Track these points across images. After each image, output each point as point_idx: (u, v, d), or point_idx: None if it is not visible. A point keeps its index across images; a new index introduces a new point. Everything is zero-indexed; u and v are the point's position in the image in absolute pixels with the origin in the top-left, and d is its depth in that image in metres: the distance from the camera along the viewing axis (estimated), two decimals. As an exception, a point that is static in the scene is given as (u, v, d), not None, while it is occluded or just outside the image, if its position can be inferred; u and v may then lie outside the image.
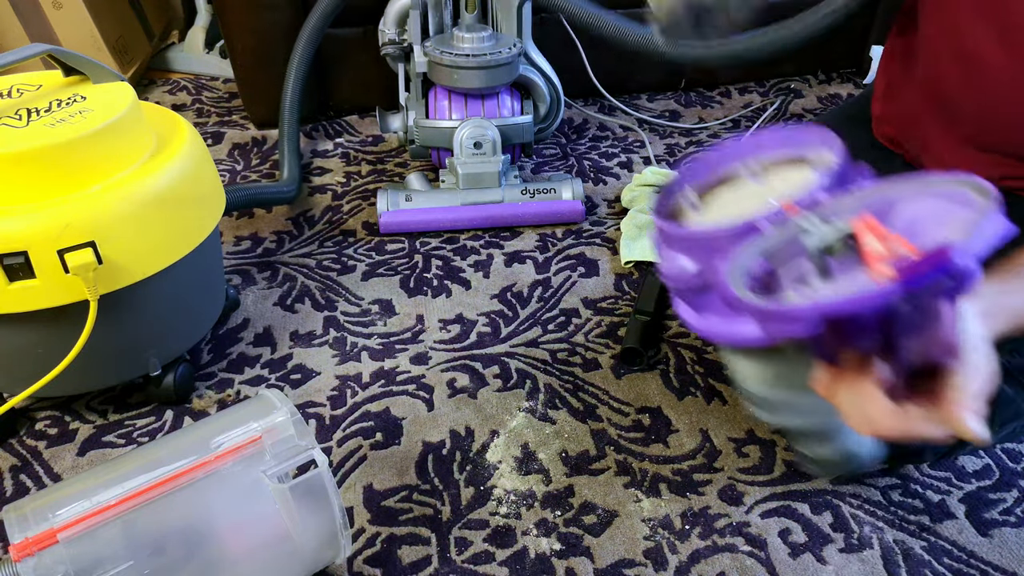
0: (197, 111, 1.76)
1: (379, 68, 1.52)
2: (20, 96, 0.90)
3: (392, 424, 0.99)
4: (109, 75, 0.93)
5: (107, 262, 0.84)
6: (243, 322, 1.15)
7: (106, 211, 0.83)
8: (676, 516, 0.88)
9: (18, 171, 0.80)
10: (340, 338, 1.13)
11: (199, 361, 1.08)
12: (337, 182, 1.50)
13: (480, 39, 1.31)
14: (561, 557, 0.84)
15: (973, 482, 0.92)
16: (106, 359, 0.93)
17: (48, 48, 0.88)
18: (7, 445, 0.96)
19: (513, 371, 1.07)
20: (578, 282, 1.24)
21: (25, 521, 0.64)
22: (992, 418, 0.82)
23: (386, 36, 1.41)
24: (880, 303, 0.44)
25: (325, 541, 0.74)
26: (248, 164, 1.56)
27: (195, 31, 1.91)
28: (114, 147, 0.86)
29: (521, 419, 1.00)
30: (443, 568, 0.83)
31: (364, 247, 1.32)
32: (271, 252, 1.30)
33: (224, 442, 0.71)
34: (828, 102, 1.80)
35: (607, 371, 1.07)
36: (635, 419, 1.00)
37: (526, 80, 1.41)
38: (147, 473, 0.68)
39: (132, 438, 0.97)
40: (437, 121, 1.36)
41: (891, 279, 0.45)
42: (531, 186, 1.33)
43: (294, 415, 0.73)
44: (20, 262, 0.80)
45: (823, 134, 0.62)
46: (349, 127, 1.69)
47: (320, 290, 1.22)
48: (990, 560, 0.83)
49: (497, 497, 0.90)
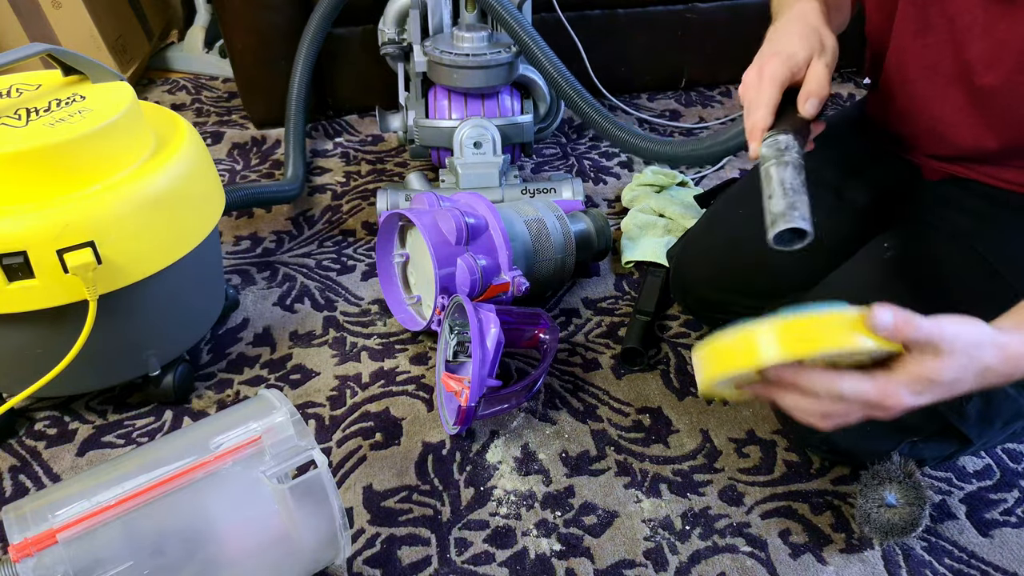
0: (196, 111, 1.76)
1: (379, 68, 1.52)
2: (19, 96, 0.89)
3: (392, 424, 0.99)
4: (108, 75, 0.93)
5: (106, 262, 0.83)
6: (243, 322, 1.15)
7: (105, 211, 0.83)
8: (676, 516, 0.88)
9: (17, 171, 0.80)
10: (340, 338, 1.13)
11: (198, 361, 1.08)
12: (337, 182, 1.50)
13: (480, 39, 1.31)
14: (561, 558, 0.83)
15: (974, 482, 0.92)
16: (105, 359, 0.93)
17: (47, 48, 0.88)
18: (6, 445, 0.96)
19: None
20: (578, 282, 1.24)
21: (24, 521, 0.64)
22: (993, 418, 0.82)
23: (386, 36, 1.41)
24: None
25: (325, 541, 0.73)
26: (247, 164, 1.56)
27: (194, 31, 1.90)
28: (113, 147, 0.86)
29: (521, 419, 1.00)
30: (443, 569, 0.82)
31: (364, 247, 1.32)
32: (271, 252, 1.30)
33: (224, 442, 0.71)
34: (828, 102, 1.79)
35: (607, 371, 1.07)
36: (635, 419, 1.00)
37: (526, 80, 1.41)
38: (146, 473, 0.68)
39: (131, 438, 0.97)
40: (437, 121, 1.36)
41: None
42: (531, 186, 1.33)
43: (294, 415, 0.73)
44: (19, 262, 0.80)
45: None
46: (349, 127, 1.69)
47: (320, 290, 1.22)
48: (991, 560, 0.83)
49: (497, 498, 0.90)
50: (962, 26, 0.75)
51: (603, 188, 1.49)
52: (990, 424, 0.82)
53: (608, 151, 1.60)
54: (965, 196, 0.85)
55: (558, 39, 1.54)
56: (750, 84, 0.74)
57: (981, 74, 0.75)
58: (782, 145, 0.68)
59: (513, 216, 1.13)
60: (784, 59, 0.72)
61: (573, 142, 1.64)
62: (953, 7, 0.75)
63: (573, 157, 1.58)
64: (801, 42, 0.74)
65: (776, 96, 0.72)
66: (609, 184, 1.50)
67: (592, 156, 1.59)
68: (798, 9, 0.79)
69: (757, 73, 0.73)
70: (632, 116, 1.70)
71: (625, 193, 1.42)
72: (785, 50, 0.73)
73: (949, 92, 0.79)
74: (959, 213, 0.85)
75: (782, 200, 0.64)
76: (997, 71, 0.74)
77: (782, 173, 0.66)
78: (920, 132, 0.87)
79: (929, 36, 0.78)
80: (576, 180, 1.34)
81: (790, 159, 0.67)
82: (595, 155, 1.59)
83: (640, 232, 1.29)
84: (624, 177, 1.52)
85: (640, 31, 1.71)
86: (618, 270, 1.27)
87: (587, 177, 1.52)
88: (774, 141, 0.68)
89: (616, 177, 1.52)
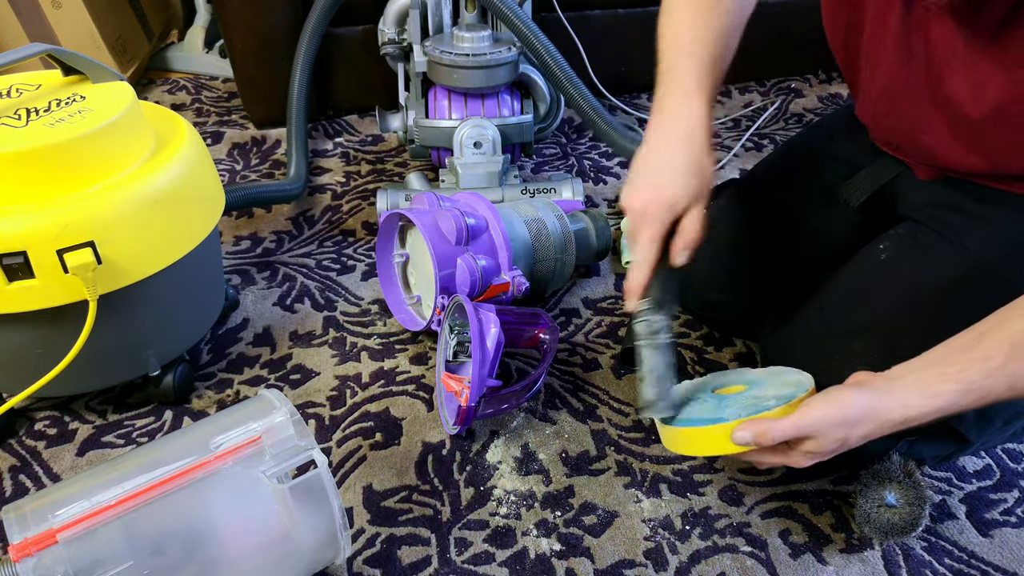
0: (196, 111, 1.76)
1: (379, 68, 1.52)
2: (19, 96, 0.89)
3: (392, 424, 0.99)
4: (108, 75, 0.93)
5: (106, 262, 0.83)
6: (243, 322, 1.15)
7: (105, 211, 0.83)
8: (676, 516, 0.88)
9: (17, 171, 0.80)
10: (340, 338, 1.13)
11: (198, 361, 1.08)
12: (337, 182, 1.50)
13: (480, 38, 1.31)
14: (561, 557, 0.83)
15: (974, 482, 0.92)
16: (105, 359, 0.93)
17: (47, 48, 0.88)
18: (6, 445, 0.96)
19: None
20: (578, 282, 1.24)
21: (24, 521, 0.64)
22: (992, 417, 0.82)
23: (386, 35, 1.41)
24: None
25: (324, 541, 0.73)
26: (248, 164, 1.56)
27: (194, 30, 1.90)
28: (113, 147, 0.86)
29: (521, 419, 1.00)
30: (443, 569, 0.82)
31: (364, 247, 1.32)
32: (271, 252, 1.30)
33: (223, 442, 0.71)
34: (828, 102, 1.80)
35: (607, 371, 1.07)
36: (635, 419, 1.00)
37: (526, 79, 1.41)
38: (146, 473, 0.68)
39: (131, 438, 0.97)
40: (437, 121, 1.36)
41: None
42: (531, 186, 1.33)
43: (293, 415, 0.73)
44: (19, 262, 0.80)
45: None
46: (349, 127, 1.69)
47: (320, 290, 1.22)
48: (991, 560, 0.83)
49: (497, 497, 0.90)
50: (939, 58, 0.75)
51: (603, 188, 1.49)
52: (989, 423, 0.82)
53: (608, 151, 1.60)
54: (960, 197, 0.84)
55: (558, 39, 1.54)
56: (634, 222, 0.81)
57: (963, 106, 0.75)
58: (655, 327, 0.80)
59: (513, 216, 1.13)
60: (667, 207, 0.79)
61: (573, 142, 1.64)
62: (933, 36, 0.75)
63: (573, 157, 1.58)
64: (685, 185, 0.79)
65: (656, 254, 0.80)
66: (609, 184, 1.50)
67: (592, 156, 1.59)
68: (685, 123, 0.81)
69: (640, 213, 0.80)
70: (632, 116, 1.70)
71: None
72: (669, 195, 0.79)
73: (935, 118, 0.79)
74: (955, 214, 0.84)
75: (652, 389, 0.79)
76: (979, 106, 0.73)
77: (653, 358, 0.79)
78: (910, 148, 0.87)
79: (912, 63, 0.78)
80: (576, 180, 1.34)
81: (661, 342, 0.80)
82: (595, 155, 1.59)
83: (640, 232, 1.29)
84: (624, 177, 1.52)
85: (640, 31, 1.70)
86: (618, 270, 1.27)
87: (587, 177, 1.52)
88: (648, 322, 0.80)
89: (616, 177, 1.52)
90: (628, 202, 0.81)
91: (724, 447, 0.74)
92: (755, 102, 1.79)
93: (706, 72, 0.83)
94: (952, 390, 0.66)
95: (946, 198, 0.86)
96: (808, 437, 0.70)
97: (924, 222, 0.86)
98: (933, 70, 0.76)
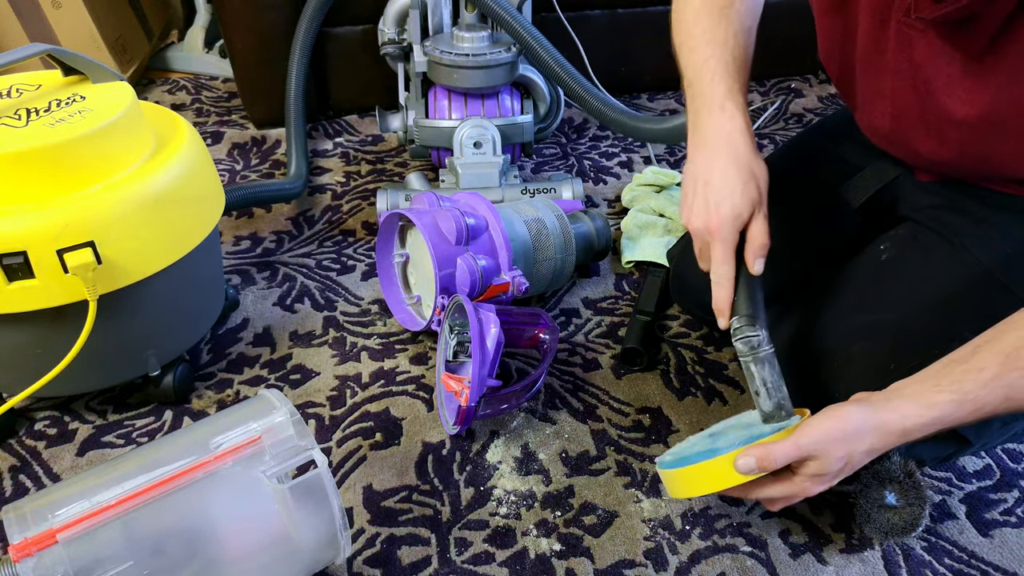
0: (196, 111, 1.76)
1: (379, 68, 1.52)
2: (20, 96, 0.89)
3: (392, 424, 0.99)
4: (108, 75, 0.93)
5: (106, 262, 0.83)
6: (243, 322, 1.15)
7: (105, 211, 0.83)
8: (676, 516, 0.88)
9: (17, 171, 0.80)
10: (340, 338, 1.13)
11: (198, 361, 1.08)
12: (337, 182, 1.50)
13: (480, 38, 1.31)
14: (561, 557, 0.83)
15: (974, 482, 0.92)
16: (105, 359, 0.93)
17: (47, 48, 0.88)
18: (6, 445, 0.96)
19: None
20: (578, 282, 1.24)
21: (24, 521, 0.64)
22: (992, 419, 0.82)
23: (386, 36, 1.41)
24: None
25: (325, 541, 0.73)
26: (248, 164, 1.56)
27: (194, 30, 1.90)
28: (113, 147, 0.86)
29: (521, 419, 1.00)
30: (443, 568, 0.82)
31: (364, 247, 1.32)
32: (271, 252, 1.30)
33: (223, 442, 0.71)
34: (828, 102, 1.80)
35: (607, 371, 1.07)
36: (635, 419, 1.00)
37: (526, 79, 1.41)
38: (146, 473, 0.68)
39: (131, 438, 0.97)
40: (437, 121, 1.36)
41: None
42: (531, 186, 1.33)
43: (293, 415, 0.73)
44: (19, 262, 0.80)
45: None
46: (349, 127, 1.69)
47: (320, 290, 1.22)
48: (991, 560, 0.83)
49: (497, 497, 0.90)
50: (926, 77, 0.75)
51: (603, 188, 1.49)
52: (988, 424, 0.82)
53: (608, 151, 1.60)
54: (961, 198, 0.84)
55: (558, 39, 1.54)
56: (701, 242, 0.81)
57: (952, 124, 0.75)
58: (754, 343, 0.78)
59: (513, 216, 1.13)
60: (732, 221, 0.78)
61: (573, 142, 1.64)
62: (918, 55, 0.75)
63: (573, 157, 1.58)
64: (743, 195, 0.79)
65: (733, 270, 0.79)
66: (609, 184, 1.50)
67: (592, 156, 1.59)
68: (726, 137, 0.81)
69: (705, 232, 0.79)
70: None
71: (625, 193, 1.42)
72: (727, 210, 0.78)
73: (927, 133, 0.79)
74: (956, 215, 0.84)
75: (769, 401, 0.77)
76: (969, 126, 0.74)
77: (762, 372, 0.77)
78: (907, 155, 0.88)
79: (900, 79, 0.78)
80: (576, 180, 1.34)
81: (763, 354, 0.78)
82: (595, 155, 1.59)
83: (640, 232, 1.29)
84: (624, 177, 1.52)
85: (640, 31, 1.71)
86: (618, 270, 1.27)
87: (587, 177, 1.52)
88: (746, 340, 0.78)
89: (616, 177, 1.52)
90: (690, 223, 0.81)
91: (728, 479, 0.72)
92: (755, 102, 1.79)
93: (733, 78, 0.83)
94: (947, 400, 0.66)
95: (947, 200, 0.86)
96: (811, 457, 0.69)
97: (925, 223, 0.86)
98: (922, 87, 0.76)
